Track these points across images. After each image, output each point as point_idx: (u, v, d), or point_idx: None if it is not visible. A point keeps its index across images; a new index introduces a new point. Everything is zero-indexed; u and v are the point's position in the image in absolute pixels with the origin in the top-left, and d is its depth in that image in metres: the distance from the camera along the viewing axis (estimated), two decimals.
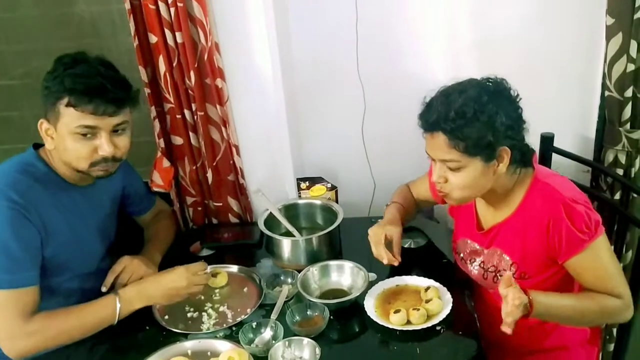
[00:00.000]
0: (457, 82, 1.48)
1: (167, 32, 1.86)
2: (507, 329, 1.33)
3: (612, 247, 1.95)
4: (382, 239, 1.68)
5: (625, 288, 1.48)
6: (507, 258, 1.56)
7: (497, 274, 1.59)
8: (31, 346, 1.51)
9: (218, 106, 1.99)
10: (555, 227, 1.44)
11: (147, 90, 1.98)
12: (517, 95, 1.48)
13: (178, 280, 1.66)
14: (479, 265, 1.65)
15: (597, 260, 1.46)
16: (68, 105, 1.51)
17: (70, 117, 1.52)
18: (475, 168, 1.44)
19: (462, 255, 1.71)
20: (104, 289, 1.67)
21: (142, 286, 1.65)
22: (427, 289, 1.63)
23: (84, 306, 1.58)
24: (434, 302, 1.58)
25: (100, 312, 1.58)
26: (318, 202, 2.06)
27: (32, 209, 1.52)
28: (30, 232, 1.52)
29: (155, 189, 2.10)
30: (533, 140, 1.95)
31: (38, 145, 1.66)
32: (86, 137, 1.54)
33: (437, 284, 1.66)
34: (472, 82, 1.47)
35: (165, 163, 2.09)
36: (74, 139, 1.54)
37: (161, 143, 2.08)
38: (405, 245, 1.91)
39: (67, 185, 1.65)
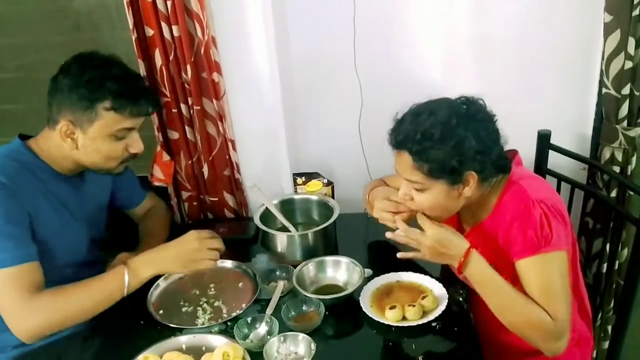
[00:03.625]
0: (431, 100, 1.47)
1: (164, 26, 1.85)
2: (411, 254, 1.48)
3: (605, 246, 1.95)
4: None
5: (564, 314, 1.38)
6: None
7: None
8: (40, 322, 1.48)
9: (214, 100, 1.98)
10: (511, 226, 1.44)
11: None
12: (494, 115, 1.46)
13: (190, 242, 1.63)
14: None
15: (543, 274, 1.41)
16: (110, 109, 1.53)
17: (110, 120, 1.55)
18: (440, 191, 1.44)
19: None
20: None
21: (153, 254, 1.63)
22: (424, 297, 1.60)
23: (92, 279, 1.56)
24: (429, 298, 1.58)
25: (108, 284, 1.56)
26: (314, 197, 2.06)
27: (20, 192, 1.52)
28: (20, 211, 1.52)
29: (157, 184, 2.10)
30: (530, 138, 1.98)
31: (23, 137, 1.66)
32: (120, 138, 1.59)
33: (434, 281, 1.67)
34: (445, 103, 1.44)
35: (165, 157, 2.08)
36: (108, 141, 1.58)
37: (160, 137, 2.07)
38: None
39: (55, 174, 1.65)
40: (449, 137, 1.38)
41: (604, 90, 1.86)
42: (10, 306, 1.47)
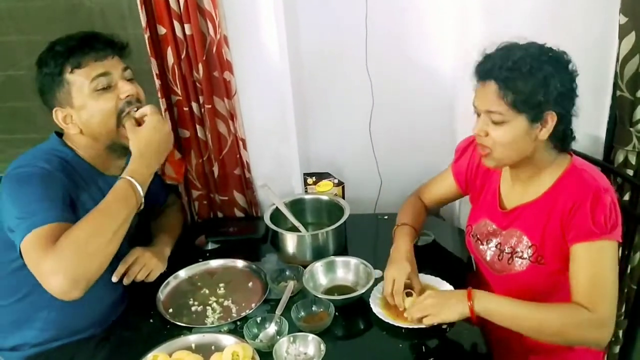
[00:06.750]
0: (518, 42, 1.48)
1: (176, 24, 1.86)
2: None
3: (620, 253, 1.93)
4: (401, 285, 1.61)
5: (607, 306, 1.39)
6: (527, 240, 1.55)
7: (514, 256, 1.58)
8: (70, 265, 1.36)
9: (226, 99, 1.98)
10: (577, 209, 1.43)
11: (157, 82, 1.98)
12: (575, 70, 1.46)
13: (160, 129, 1.58)
14: (495, 246, 1.63)
15: (598, 262, 1.42)
16: (73, 70, 1.54)
17: (81, 79, 1.55)
18: (519, 126, 1.43)
19: (478, 236, 1.69)
20: (114, 279, 1.64)
21: (139, 157, 1.56)
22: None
23: (101, 201, 1.49)
24: None
25: (119, 194, 1.50)
26: (325, 197, 2.05)
27: (65, 180, 1.54)
28: (63, 192, 1.52)
29: (169, 182, 2.10)
30: None
31: (58, 135, 1.67)
32: (105, 89, 1.57)
33: (444, 282, 1.66)
34: (535, 44, 1.45)
35: (177, 155, 2.09)
36: (94, 98, 1.57)
37: None
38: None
39: (94, 171, 1.66)
40: (538, 70, 1.39)
41: (618, 92, 1.84)
42: (39, 264, 1.38)
